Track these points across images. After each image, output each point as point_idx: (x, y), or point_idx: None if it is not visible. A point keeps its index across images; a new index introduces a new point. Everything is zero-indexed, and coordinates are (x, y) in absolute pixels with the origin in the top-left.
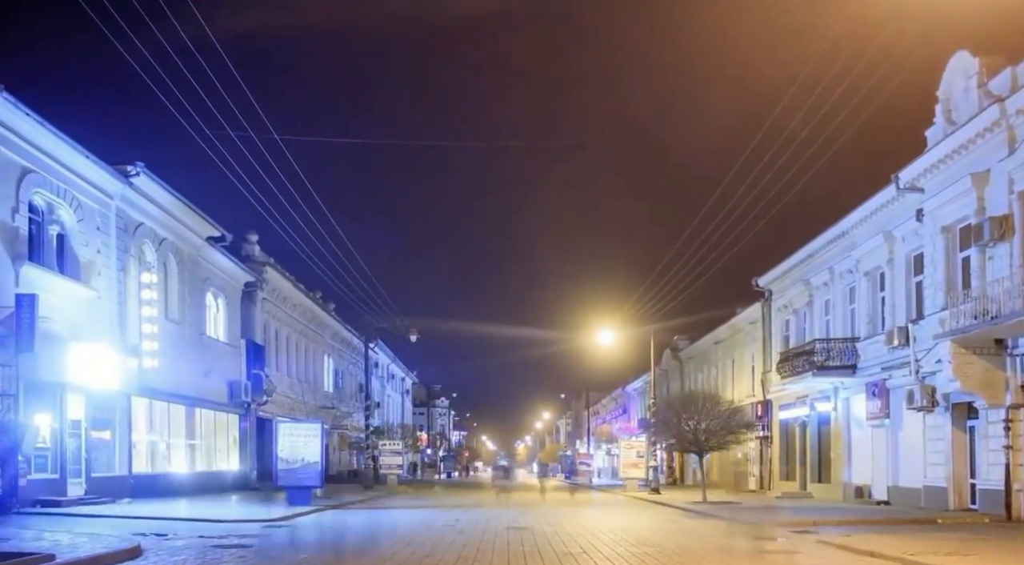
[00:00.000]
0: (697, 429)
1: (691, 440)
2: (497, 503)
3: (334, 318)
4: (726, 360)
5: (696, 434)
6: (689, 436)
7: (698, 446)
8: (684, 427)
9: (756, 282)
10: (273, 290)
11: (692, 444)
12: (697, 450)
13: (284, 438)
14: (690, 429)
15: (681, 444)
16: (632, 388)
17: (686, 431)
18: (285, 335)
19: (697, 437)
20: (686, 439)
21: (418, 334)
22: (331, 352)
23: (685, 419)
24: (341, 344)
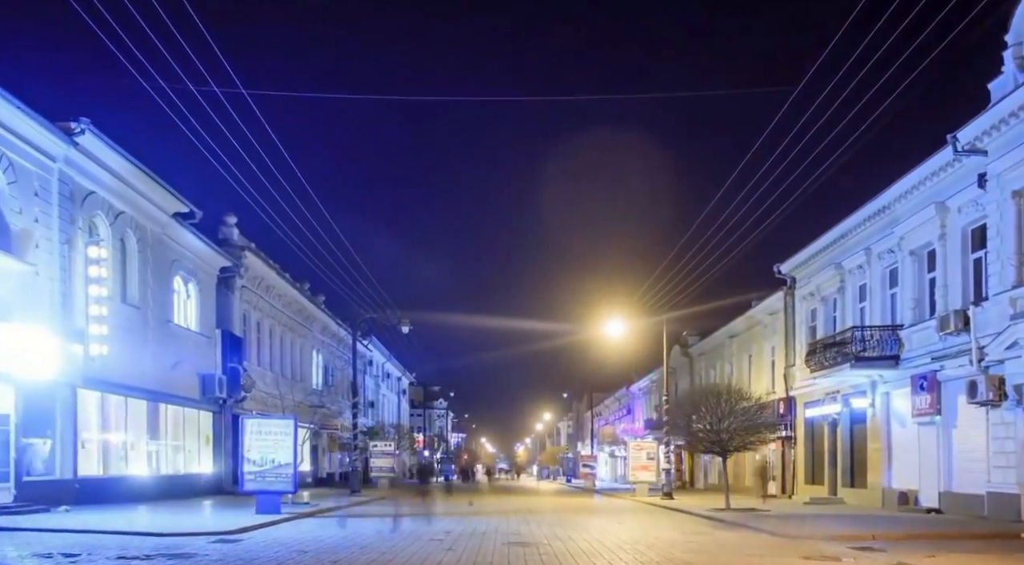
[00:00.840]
0: (719, 428)
1: (712, 440)
2: (496, 509)
3: (323, 311)
4: (742, 355)
5: (718, 433)
6: (710, 436)
7: (720, 447)
8: (704, 426)
9: (778, 269)
10: (254, 277)
11: (713, 444)
12: (719, 451)
13: (252, 436)
14: (711, 428)
15: (700, 444)
16: (638, 387)
17: (707, 431)
18: (268, 327)
19: (719, 437)
20: (706, 439)
21: (410, 325)
22: (320, 347)
23: (704, 416)
24: (331, 339)
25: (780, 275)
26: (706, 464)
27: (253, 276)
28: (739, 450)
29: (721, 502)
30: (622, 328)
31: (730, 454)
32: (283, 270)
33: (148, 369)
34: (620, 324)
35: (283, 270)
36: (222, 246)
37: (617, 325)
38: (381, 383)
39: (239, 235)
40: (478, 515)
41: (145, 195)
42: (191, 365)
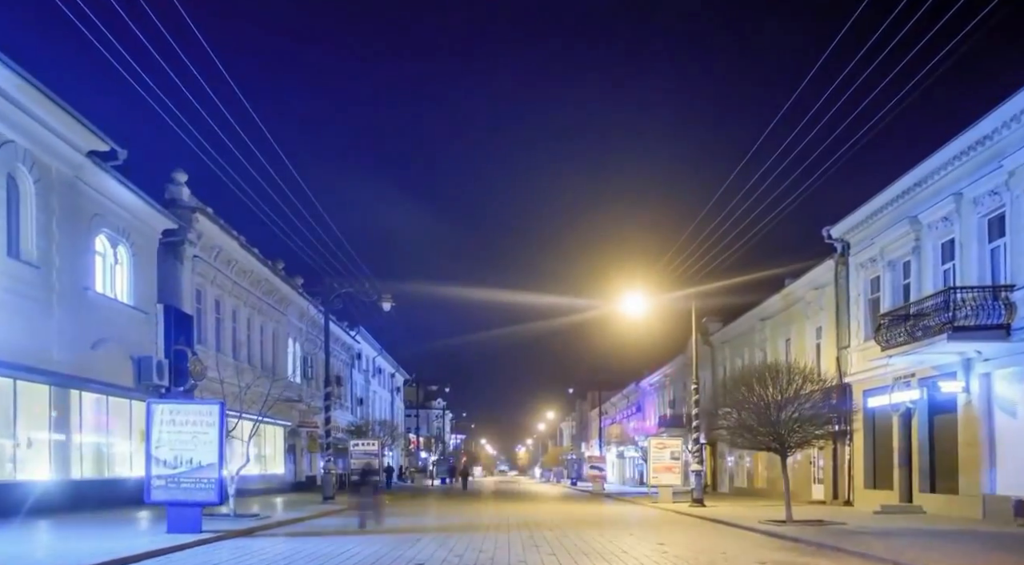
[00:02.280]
0: (778, 418)
1: (768, 434)
2: (496, 522)
3: (302, 295)
4: (777, 340)
5: (775, 425)
6: (764, 429)
7: (779, 442)
8: (755, 416)
9: (827, 233)
10: (210, 247)
11: (771, 440)
12: (777, 448)
13: (162, 427)
14: (767, 418)
15: (749, 439)
16: (648, 383)
17: (760, 422)
18: (230, 307)
19: (777, 430)
20: (759, 432)
21: (393, 303)
22: (297, 335)
23: (757, 404)
24: (312, 327)
25: (830, 240)
26: (731, 465)
27: (209, 245)
28: (800, 446)
29: (768, 510)
30: (640, 306)
31: (791, 451)
32: (251, 245)
33: (53, 347)
34: (638, 301)
35: (251, 245)
36: (169, 208)
37: (634, 302)
38: (372, 379)
39: (190, 195)
40: (471, 530)
41: (47, 124)
42: (121, 345)
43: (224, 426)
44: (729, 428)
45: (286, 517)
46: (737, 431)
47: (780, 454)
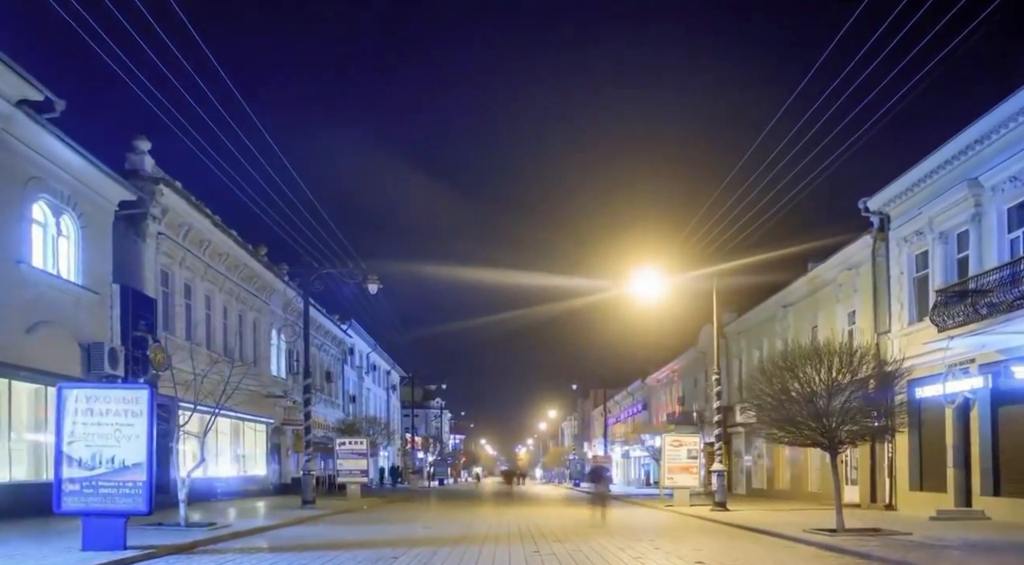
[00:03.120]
0: (828, 408)
1: (814, 428)
2: (495, 531)
3: (287, 284)
4: (802, 327)
5: (820, 417)
6: (810, 421)
7: (828, 437)
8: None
9: (864, 206)
10: (178, 224)
11: (819, 434)
12: (826, 444)
13: (75, 419)
14: (813, 409)
15: (789, 434)
16: (655, 379)
17: (806, 414)
18: (202, 293)
19: (826, 423)
20: (804, 426)
21: (380, 285)
22: (283, 327)
23: (799, 392)
24: (299, 319)
25: (867, 214)
26: (747, 465)
27: (176, 222)
28: (850, 442)
29: (805, 516)
30: (653, 286)
31: (841, 448)
32: (228, 227)
33: None
34: (651, 281)
35: (228, 227)
36: (130, 179)
37: (648, 281)
38: (365, 376)
39: (154, 166)
40: (465, 542)
41: None
42: (66, 329)
43: (153, 413)
44: (768, 420)
45: (249, 526)
46: (778, 424)
47: (829, 451)
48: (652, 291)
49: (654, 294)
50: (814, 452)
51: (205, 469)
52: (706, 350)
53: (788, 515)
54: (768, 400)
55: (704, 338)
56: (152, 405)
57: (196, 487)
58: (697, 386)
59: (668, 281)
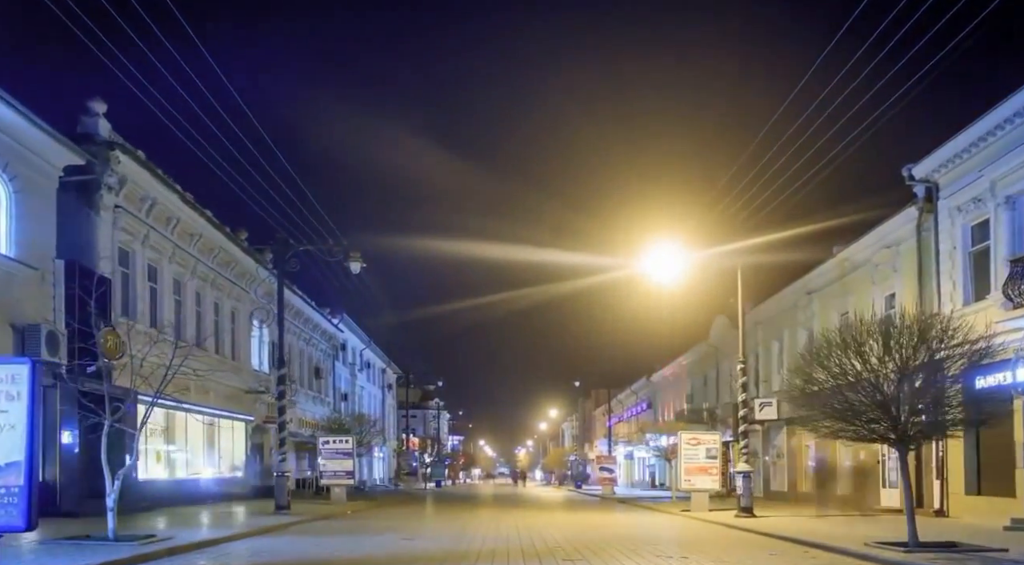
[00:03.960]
0: (897, 398)
1: (881, 421)
2: (492, 544)
3: (271, 272)
4: (829, 314)
5: (895, 406)
6: (876, 413)
7: (898, 433)
8: (868, 394)
9: (909, 173)
10: (139, 198)
11: (888, 428)
12: (896, 440)
13: None
14: (882, 397)
15: (856, 429)
16: (662, 375)
17: (871, 404)
18: (170, 276)
19: (896, 414)
20: (869, 419)
21: (363, 264)
22: (266, 318)
23: (860, 377)
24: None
25: (912, 182)
26: (767, 465)
27: (138, 195)
28: (926, 438)
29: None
30: (668, 264)
31: (912, 445)
32: (205, 207)
33: None
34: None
35: (205, 207)
36: (83, 144)
37: (663, 258)
38: (359, 373)
39: (111, 131)
40: (454, 562)
41: None
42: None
43: (35, 393)
44: (823, 411)
45: (195, 538)
46: (835, 416)
47: (898, 447)
48: (666, 270)
49: (668, 273)
50: (844, 451)
51: (173, 470)
52: (718, 344)
53: (827, 523)
54: (821, 387)
55: (717, 330)
56: (34, 384)
57: (161, 490)
58: (707, 383)
59: (683, 261)
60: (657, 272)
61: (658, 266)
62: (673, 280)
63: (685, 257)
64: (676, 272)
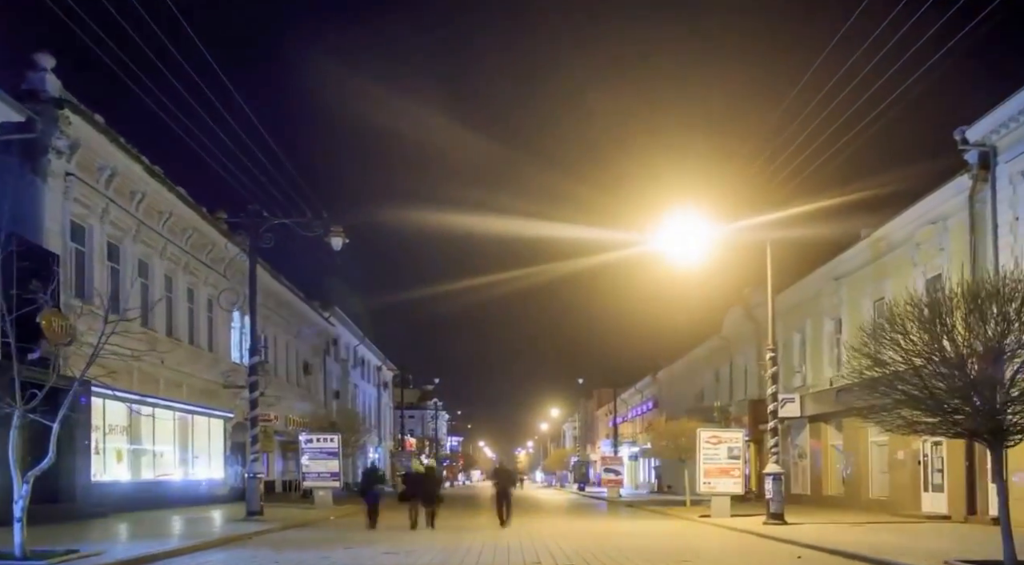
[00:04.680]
0: (991, 382)
1: (969, 410)
2: (492, 559)
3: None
4: (861, 302)
5: (988, 391)
6: (953, 399)
7: (991, 426)
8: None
9: (962, 136)
10: (96, 167)
11: (981, 419)
12: (991, 435)
13: None
14: (956, 382)
15: (937, 423)
16: (668, 373)
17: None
18: (134, 256)
19: (988, 402)
20: (956, 408)
21: (346, 239)
22: (235, 300)
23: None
24: (273, 302)
25: (965, 147)
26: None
27: (94, 164)
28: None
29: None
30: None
31: (1010, 441)
32: (175, 184)
33: None
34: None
35: (175, 184)
36: (26, 101)
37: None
38: (352, 370)
39: (61, 89)
40: None
41: None
42: None
43: None
44: (893, 398)
45: (131, 555)
46: (914, 405)
47: (990, 443)
48: (684, 244)
49: (685, 249)
50: (877, 450)
51: (137, 471)
52: (732, 337)
53: (871, 532)
54: (892, 369)
55: (730, 323)
56: None
57: (123, 494)
58: (720, 380)
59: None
60: (674, 247)
61: (675, 240)
62: (691, 257)
63: (705, 231)
64: (695, 248)
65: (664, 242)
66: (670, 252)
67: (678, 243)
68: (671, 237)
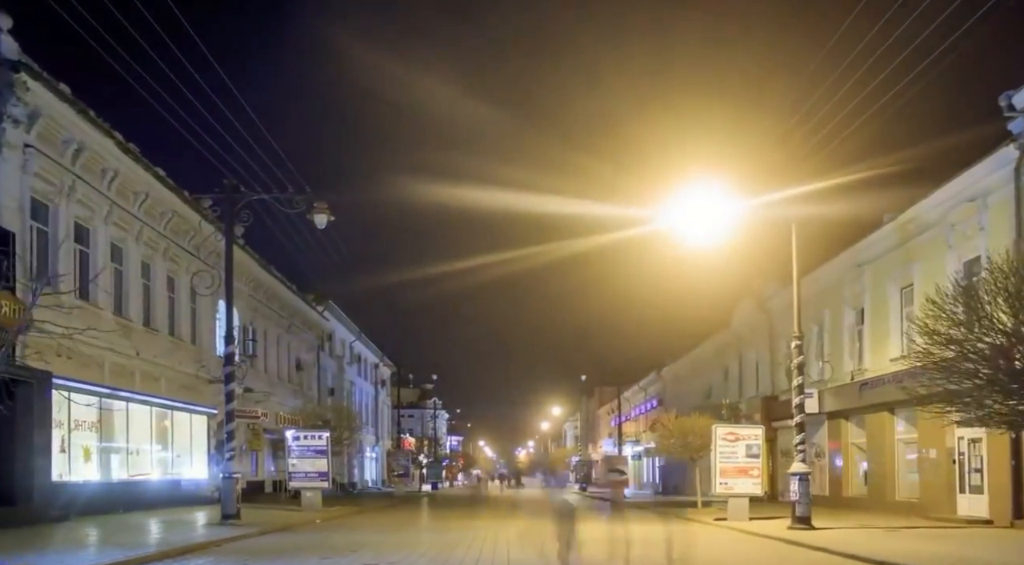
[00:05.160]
0: None
1: None
2: None
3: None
4: (886, 288)
5: None
6: None
7: None
8: None
9: (1007, 102)
10: (61, 140)
11: None
12: None
13: None
14: None
15: None
16: (675, 370)
17: None
18: (106, 239)
19: None
20: None
21: (331, 217)
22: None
23: None
24: (257, 291)
25: (1012, 113)
26: None
27: (59, 137)
28: None
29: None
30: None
31: None
32: (152, 163)
33: None
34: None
35: (152, 163)
36: None
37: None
38: (347, 367)
39: (18, 51)
40: None
41: None
42: None
43: None
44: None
45: None
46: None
47: None
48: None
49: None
50: (904, 448)
51: (108, 471)
52: (742, 331)
53: (911, 537)
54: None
55: (740, 317)
56: None
57: (90, 495)
58: (728, 376)
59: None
60: (688, 225)
61: (690, 217)
62: (706, 237)
63: (723, 207)
64: (711, 226)
65: (678, 219)
66: (684, 230)
67: (693, 220)
68: (685, 214)
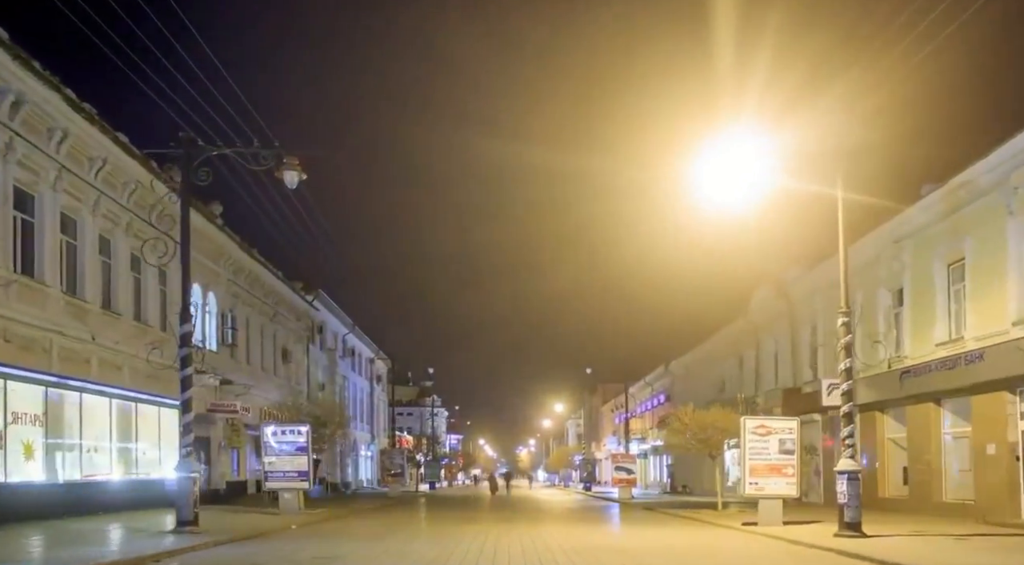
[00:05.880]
0: None
1: None
2: None
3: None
4: (930, 264)
5: None
6: None
7: None
8: None
9: None
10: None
11: None
12: None
13: None
14: None
15: None
16: (684, 363)
17: None
18: (54, 208)
19: None
20: None
21: (303, 175)
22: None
23: None
24: (236, 274)
25: None
26: None
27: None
28: None
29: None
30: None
31: None
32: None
33: None
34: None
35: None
36: None
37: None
38: (340, 360)
39: None
40: None
41: None
42: None
43: None
44: None
45: None
46: None
47: None
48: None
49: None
50: (953, 443)
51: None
52: (759, 319)
53: (986, 548)
54: None
55: (758, 304)
56: None
57: (34, 498)
58: (744, 367)
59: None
60: (724, 173)
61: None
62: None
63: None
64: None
65: (715, 166)
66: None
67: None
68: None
